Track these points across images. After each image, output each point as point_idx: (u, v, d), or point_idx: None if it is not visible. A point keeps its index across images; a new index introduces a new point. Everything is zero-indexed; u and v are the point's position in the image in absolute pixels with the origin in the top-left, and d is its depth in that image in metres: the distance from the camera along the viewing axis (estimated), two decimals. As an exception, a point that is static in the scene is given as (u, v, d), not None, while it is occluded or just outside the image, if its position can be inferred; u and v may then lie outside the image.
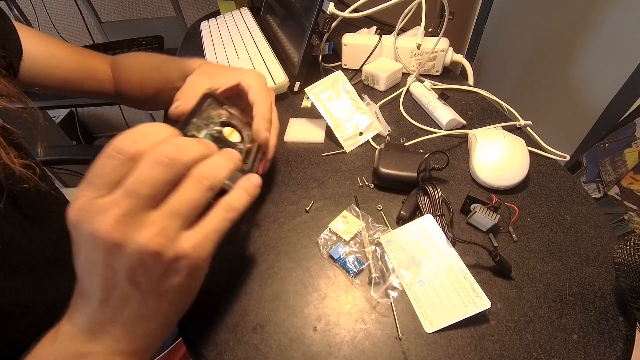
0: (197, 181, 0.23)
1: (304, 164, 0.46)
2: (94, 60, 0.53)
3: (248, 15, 0.78)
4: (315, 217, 0.39)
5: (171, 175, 0.22)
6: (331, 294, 0.32)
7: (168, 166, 0.21)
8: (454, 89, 0.58)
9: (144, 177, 0.21)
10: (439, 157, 0.46)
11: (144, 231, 0.21)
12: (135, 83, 0.51)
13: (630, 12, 0.93)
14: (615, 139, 0.96)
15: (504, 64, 1.48)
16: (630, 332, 0.29)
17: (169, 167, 0.21)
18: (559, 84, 1.20)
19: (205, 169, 0.23)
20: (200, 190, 0.23)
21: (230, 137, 0.32)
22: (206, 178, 0.23)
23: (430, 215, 0.35)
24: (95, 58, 0.53)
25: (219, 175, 0.24)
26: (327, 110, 0.49)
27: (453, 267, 0.32)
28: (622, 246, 0.28)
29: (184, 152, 0.22)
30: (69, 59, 0.49)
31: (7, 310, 0.35)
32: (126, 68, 0.53)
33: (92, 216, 0.20)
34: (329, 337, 0.29)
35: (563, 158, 0.45)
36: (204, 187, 0.23)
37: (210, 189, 0.23)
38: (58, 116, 1.54)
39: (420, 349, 0.28)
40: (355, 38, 0.62)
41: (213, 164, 0.24)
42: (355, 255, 0.34)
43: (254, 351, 0.29)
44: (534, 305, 0.31)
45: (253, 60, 0.61)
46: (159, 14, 1.42)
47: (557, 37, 1.18)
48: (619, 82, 0.96)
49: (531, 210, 0.39)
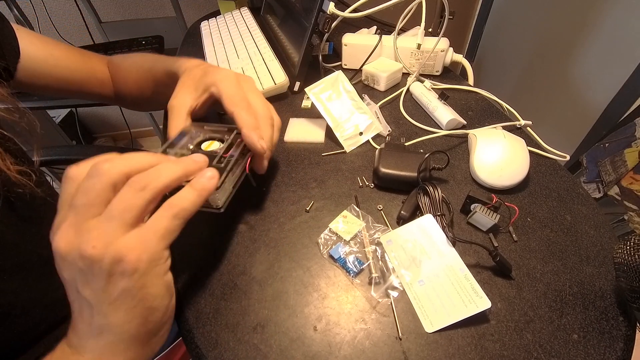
0: (129, 185, 0.23)
1: (304, 163, 0.46)
2: (93, 60, 0.53)
3: (248, 15, 0.78)
4: (316, 217, 0.39)
5: (105, 184, 0.22)
6: (331, 294, 0.32)
7: (102, 175, 0.22)
8: (454, 89, 0.58)
9: (83, 188, 0.22)
10: (439, 157, 0.46)
11: (83, 237, 0.21)
12: (132, 85, 0.51)
13: (630, 12, 0.93)
14: (615, 139, 0.96)
15: (504, 64, 1.48)
16: (630, 332, 0.29)
17: (103, 176, 0.22)
18: (559, 84, 1.20)
19: (141, 175, 0.23)
20: (131, 193, 0.23)
21: (208, 148, 0.34)
22: (138, 182, 0.23)
23: (430, 215, 0.35)
24: (94, 58, 0.53)
25: (155, 178, 0.24)
26: (327, 110, 0.49)
27: (453, 267, 0.32)
28: (622, 246, 0.28)
29: (119, 163, 0.23)
30: (69, 59, 0.49)
31: (5, 312, 0.35)
32: (122, 70, 0.53)
33: (54, 231, 0.22)
34: (329, 337, 0.29)
35: (563, 158, 0.45)
36: (134, 189, 0.23)
37: (142, 190, 0.23)
38: (58, 116, 1.54)
39: (420, 349, 0.28)
40: (355, 38, 0.62)
41: (151, 169, 0.24)
42: (356, 255, 0.34)
43: (254, 351, 0.29)
44: (534, 305, 0.31)
45: (253, 60, 0.61)
46: (159, 14, 1.42)
47: (557, 37, 1.18)
48: (619, 82, 0.96)
49: (531, 210, 0.39)
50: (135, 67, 0.51)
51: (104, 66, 0.54)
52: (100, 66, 0.53)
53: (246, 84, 0.39)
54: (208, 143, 0.34)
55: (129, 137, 1.78)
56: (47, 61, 0.46)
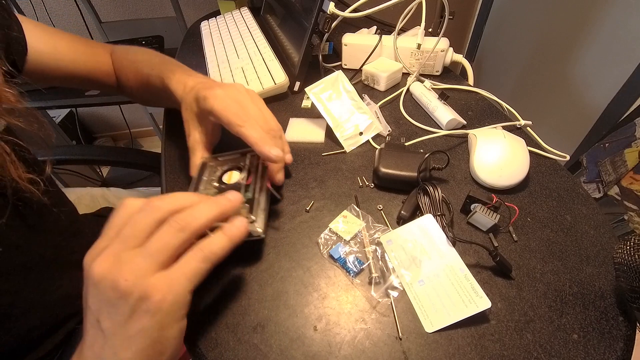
0: (169, 225, 0.24)
1: (304, 163, 0.46)
2: (98, 51, 0.52)
3: (248, 15, 0.78)
4: (316, 217, 0.39)
5: (152, 219, 0.24)
6: (331, 294, 0.32)
7: (151, 211, 0.24)
8: (454, 89, 0.58)
9: (133, 221, 0.24)
10: (439, 157, 0.46)
11: (119, 268, 0.22)
12: (133, 83, 0.51)
13: (630, 12, 0.93)
14: (615, 139, 0.96)
15: (504, 64, 1.48)
16: (630, 332, 0.29)
17: (152, 212, 0.24)
18: (559, 84, 1.20)
19: (182, 215, 0.25)
20: (170, 232, 0.24)
21: (230, 180, 0.35)
22: (178, 222, 0.24)
23: (430, 215, 0.35)
24: (98, 49, 0.53)
25: (195, 218, 0.25)
26: (327, 110, 0.49)
27: (453, 267, 0.32)
28: (622, 246, 0.28)
29: (167, 201, 0.25)
30: (74, 52, 0.49)
31: (5, 312, 0.35)
32: (124, 66, 0.52)
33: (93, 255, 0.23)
34: (329, 337, 0.29)
35: (563, 158, 0.45)
36: (174, 229, 0.24)
37: (181, 231, 0.24)
38: (58, 116, 1.54)
39: (420, 349, 0.28)
40: (355, 38, 0.62)
41: (192, 209, 0.26)
42: (356, 255, 0.34)
43: (255, 351, 0.29)
44: (534, 305, 0.31)
45: (253, 60, 0.61)
46: (159, 14, 1.42)
47: (557, 37, 1.18)
48: (619, 82, 0.96)
49: (531, 210, 0.39)
50: (135, 68, 0.51)
51: (107, 57, 0.53)
52: (105, 57, 0.53)
53: (239, 95, 0.37)
54: (228, 175, 0.36)
55: (129, 137, 1.78)
56: (52, 55, 0.46)
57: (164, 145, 0.51)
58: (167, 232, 0.24)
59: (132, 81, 0.51)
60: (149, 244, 0.23)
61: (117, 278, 0.22)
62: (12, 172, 0.31)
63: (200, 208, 0.26)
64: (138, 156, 0.72)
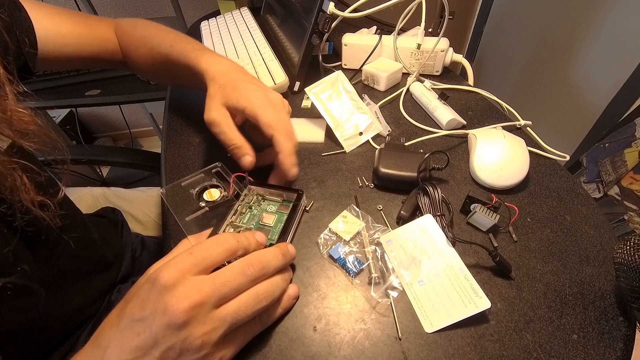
0: (243, 274, 0.26)
1: (304, 163, 0.46)
2: (102, 29, 0.51)
3: (248, 15, 0.78)
4: (315, 217, 0.39)
5: (245, 280, 0.26)
6: (331, 294, 0.32)
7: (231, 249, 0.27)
8: (454, 89, 0.58)
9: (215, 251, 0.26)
10: (439, 157, 0.46)
11: (201, 327, 0.23)
12: (145, 60, 0.50)
13: (630, 12, 0.93)
14: (615, 139, 0.96)
15: (504, 64, 1.48)
16: (630, 332, 0.29)
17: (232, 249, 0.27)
18: (559, 84, 1.20)
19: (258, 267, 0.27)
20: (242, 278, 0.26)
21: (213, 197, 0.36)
22: (253, 273, 0.26)
23: (430, 215, 0.35)
24: (101, 27, 0.51)
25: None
26: (327, 110, 0.49)
27: (453, 267, 0.32)
28: (622, 246, 0.28)
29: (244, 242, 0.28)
30: (77, 35, 0.48)
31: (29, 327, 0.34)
32: (134, 42, 0.51)
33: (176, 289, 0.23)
34: (329, 337, 0.29)
35: (563, 158, 0.45)
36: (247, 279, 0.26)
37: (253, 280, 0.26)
38: (58, 116, 1.54)
39: (420, 349, 0.28)
40: (355, 38, 0.62)
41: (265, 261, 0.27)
42: (355, 255, 0.34)
43: (254, 351, 0.29)
44: (534, 305, 0.31)
45: (253, 60, 0.61)
46: (159, 14, 1.42)
47: (557, 37, 1.18)
48: (619, 82, 0.96)
49: (531, 210, 0.39)
50: (147, 44, 0.49)
51: (112, 34, 0.52)
52: (109, 34, 0.52)
53: (278, 103, 0.38)
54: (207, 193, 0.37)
55: (129, 137, 1.78)
56: (56, 41, 0.45)
57: (164, 145, 0.51)
58: (248, 303, 0.26)
59: (144, 58, 0.50)
60: (231, 311, 0.25)
61: (196, 336, 0.23)
62: (24, 198, 0.29)
63: (272, 260, 0.28)
64: (138, 156, 0.72)
